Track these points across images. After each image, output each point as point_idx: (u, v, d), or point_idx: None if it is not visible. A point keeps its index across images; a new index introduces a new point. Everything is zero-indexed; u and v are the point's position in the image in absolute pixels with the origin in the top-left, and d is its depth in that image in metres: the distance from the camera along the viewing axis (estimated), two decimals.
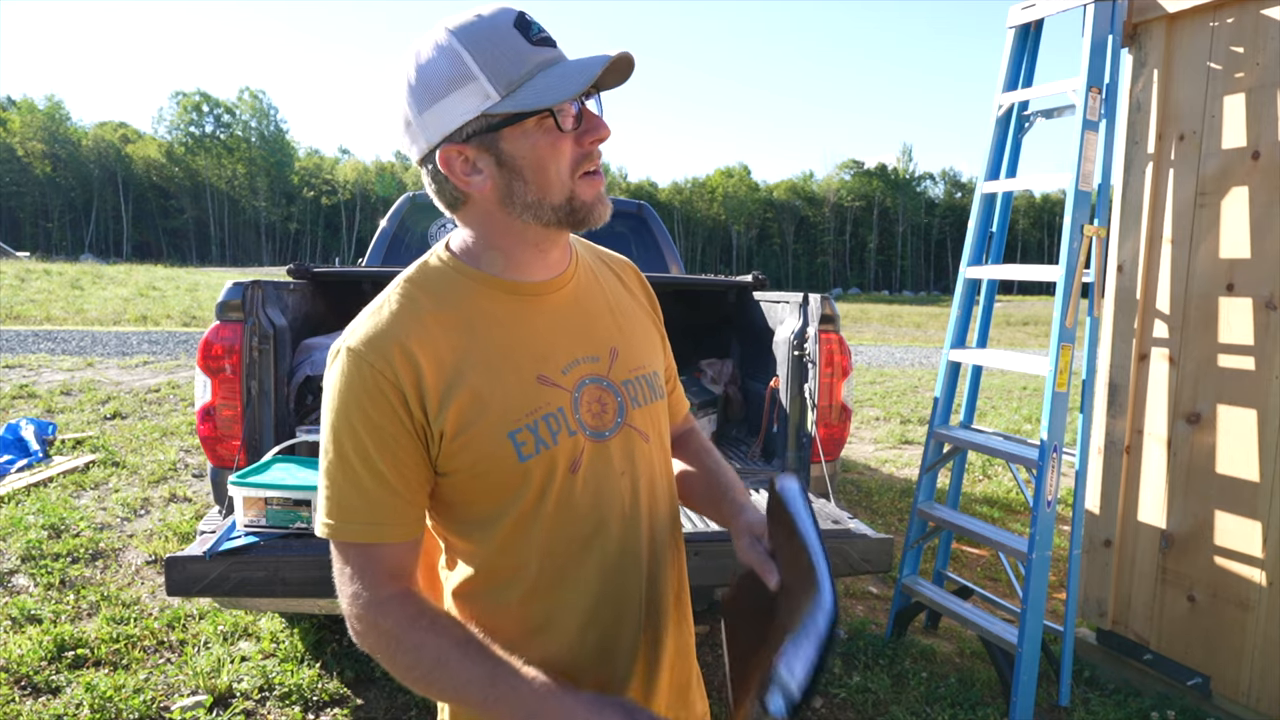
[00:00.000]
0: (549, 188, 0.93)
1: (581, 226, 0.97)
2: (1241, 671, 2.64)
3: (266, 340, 2.61)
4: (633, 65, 0.93)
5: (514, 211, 0.95)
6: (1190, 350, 2.80)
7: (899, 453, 6.88)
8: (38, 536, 3.90)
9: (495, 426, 0.93)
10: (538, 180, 0.93)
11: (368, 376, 0.91)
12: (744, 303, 3.68)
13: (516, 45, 0.89)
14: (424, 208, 5.17)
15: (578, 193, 0.94)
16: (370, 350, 0.92)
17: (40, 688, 2.70)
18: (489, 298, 0.98)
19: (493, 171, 0.93)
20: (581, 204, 0.95)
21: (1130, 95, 2.98)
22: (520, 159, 0.92)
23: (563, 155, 0.92)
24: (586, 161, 0.94)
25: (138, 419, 6.73)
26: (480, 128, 0.90)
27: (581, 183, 0.94)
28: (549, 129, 0.91)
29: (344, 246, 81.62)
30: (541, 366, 0.97)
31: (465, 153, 0.92)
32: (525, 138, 0.91)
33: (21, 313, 15.56)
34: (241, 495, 2.21)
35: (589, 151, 0.94)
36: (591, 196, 0.95)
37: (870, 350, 16.80)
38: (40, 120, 79.21)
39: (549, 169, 0.92)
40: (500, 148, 0.92)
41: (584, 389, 1.00)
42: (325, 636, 3.11)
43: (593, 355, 1.02)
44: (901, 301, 59.52)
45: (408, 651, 0.90)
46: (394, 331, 0.93)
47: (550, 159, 0.92)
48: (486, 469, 0.94)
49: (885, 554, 2.40)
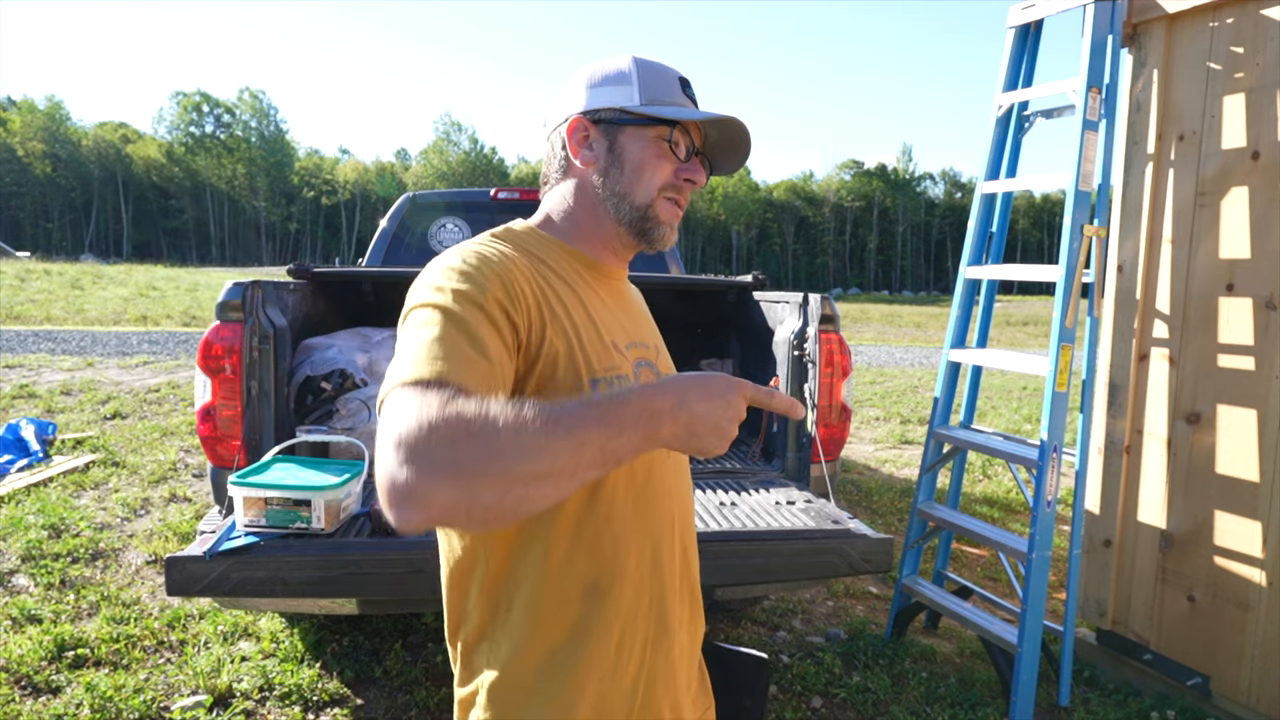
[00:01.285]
0: (637, 188, 1.05)
1: (646, 239, 1.08)
2: (1241, 671, 2.64)
3: (266, 340, 2.61)
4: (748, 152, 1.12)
5: (602, 195, 1.06)
6: (1190, 350, 2.80)
7: (899, 453, 6.88)
8: (38, 536, 3.90)
9: (581, 371, 0.97)
10: (632, 176, 1.05)
11: (484, 263, 0.93)
12: (744, 303, 3.68)
13: (672, 85, 1.08)
14: (424, 208, 5.17)
15: (656, 207, 1.06)
16: (477, 258, 0.95)
17: (40, 688, 2.70)
18: (571, 263, 1.07)
19: (602, 153, 1.06)
20: (655, 217, 1.07)
21: (1130, 95, 2.98)
22: (628, 153, 1.05)
23: (661, 171, 1.06)
24: (675, 190, 1.07)
25: (138, 419, 6.73)
26: (612, 117, 1.06)
27: (664, 202, 1.07)
28: (661, 146, 1.06)
29: (344, 246, 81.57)
30: (613, 335, 1.05)
31: (589, 130, 1.06)
32: (641, 140, 1.05)
33: (21, 313, 15.56)
34: (241, 495, 2.21)
35: (680, 185, 1.07)
36: (666, 217, 1.08)
37: (870, 350, 16.81)
38: (40, 120, 79.15)
39: (644, 173, 1.05)
40: (618, 138, 1.05)
41: (640, 369, 1.08)
42: (325, 636, 3.11)
43: (644, 343, 1.13)
44: (901, 301, 59.51)
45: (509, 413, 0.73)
46: (497, 254, 0.97)
47: (650, 167, 1.05)
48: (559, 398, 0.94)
49: (885, 554, 2.40)
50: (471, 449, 0.71)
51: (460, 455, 0.71)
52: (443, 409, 0.73)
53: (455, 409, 0.73)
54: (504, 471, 0.71)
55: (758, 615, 3.53)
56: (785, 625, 3.45)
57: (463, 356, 0.84)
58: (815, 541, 2.39)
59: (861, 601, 3.76)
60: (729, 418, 0.81)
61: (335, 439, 2.69)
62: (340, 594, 2.23)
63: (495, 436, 0.72)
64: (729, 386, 0.82)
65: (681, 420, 0.79)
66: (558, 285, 1.01)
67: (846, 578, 3.73)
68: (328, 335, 3.23)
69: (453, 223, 5.10)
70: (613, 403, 0.77)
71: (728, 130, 1.09)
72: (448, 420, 0.72)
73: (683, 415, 0.79)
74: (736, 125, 1.08)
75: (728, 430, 0.81)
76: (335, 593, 2.21)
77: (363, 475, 2.43)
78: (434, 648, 3.11)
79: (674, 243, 1.12)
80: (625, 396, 0.79)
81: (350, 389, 3.04)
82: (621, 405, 0.77)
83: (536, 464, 0.72)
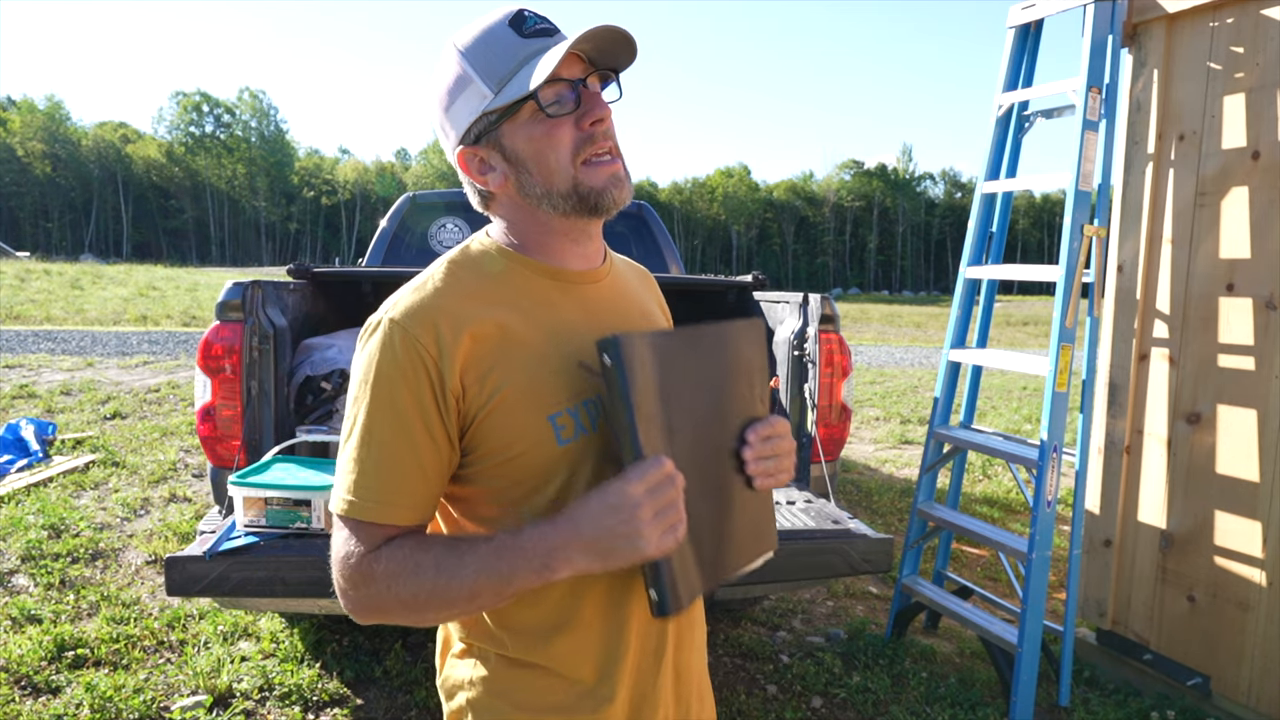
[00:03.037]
0: (552, 176, 0.94)
1: (597, 213, 0.97)
2: (1241, 671, 2.64)
3: (266, 340, 2.61)
4: (629, 38, 0.93)
5: (531, 201, 0.97)
6: (1190, 350, 2.80)
7: (899, 453, 6.88)
8: (38, 536, 3.90)
9: (536, 408, 0.92)
10: (540, 170, 0.94)
11: (408, 347, 0.89)
12: (744, 303, 3.68)
13: (508, 42, 0.92)
14: (424, 208, 5.16)
15: (582, 179, 0.94)
16: (412, 321, 0.90)
17: (40, 688, 2.70)
18: (532, 281, 0.99)
19: (504, 167, 0.96)
20: (590, 190, 0.94)
21: (1130, 95, 2.98)
22: (521, 151, 0.94)
23: (560, 142, 0.93)
24: (588, 145, 0.94)
25: (138, 419, 6.73)
26: (484, 127, 0.94)
27: (585, 169, 0.94)
28: (540, 118, 0.92)
29: (344, 246, 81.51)
30: (583, 353, 0.96)
31: (478, 153, 0.96)
32: (522, 129, 0.93)
33: (21, 313, 15.56)
34: (241, 495, 2.21)
35: (590, 134, 0.93)
36: (600, 181, 0.94)
37: (870, 350, 16.80)
38: (40, 120, 79.16)
39: (548, 158, 0.93)
40: (503, 143, 0.95)
41: None
42: (325, 636, 3.11)
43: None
44: (901, 301, 59.51)
45: (408, 576, 0.88)
46: (438, 303, 0.92)
47: (548, 147, 0.93)
48: (523, 450, 0.93)
49: (885, 554, 2.40)
50: (381, 597, 0.90)
51: (373, 599, 0.90)
52: (360, 562, 0.90)
53: (369, 564, 0.89)
54: (411, 610, 0.90)
55: (758, 615, 3.53)
56: (785, 625, 3.45)
57: (391, 468, 0.90)
58: (815, 541, 2.39)
59: (861, 601, 3.75)
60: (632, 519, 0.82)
61: (335, 439, 2.68)
62: None
63: (399, 593, 0.88)
64: (620, 493, 0.83)
65: (580, 548, 0.84)
66: (512, 319, 0.94)
67: (846, 578, 3.73)
68: (328, 335, 3.22)
69: (453, 223, 5.10)
70: (508, 550, 0.86)
71: (596, 37, 0.91)
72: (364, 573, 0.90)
73: (579, 544, 0.84)
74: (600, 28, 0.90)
75: (642, 531, 0.83)
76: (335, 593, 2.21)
77: None
78: (433, 648, 3.11)
79: (629, 196, 0.98)
80: (521, 542, 0.85)
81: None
82: (516, 553, 0.85)
83: (436, 613, 0.91)
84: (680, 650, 1.08)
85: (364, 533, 0.91)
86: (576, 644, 0.98)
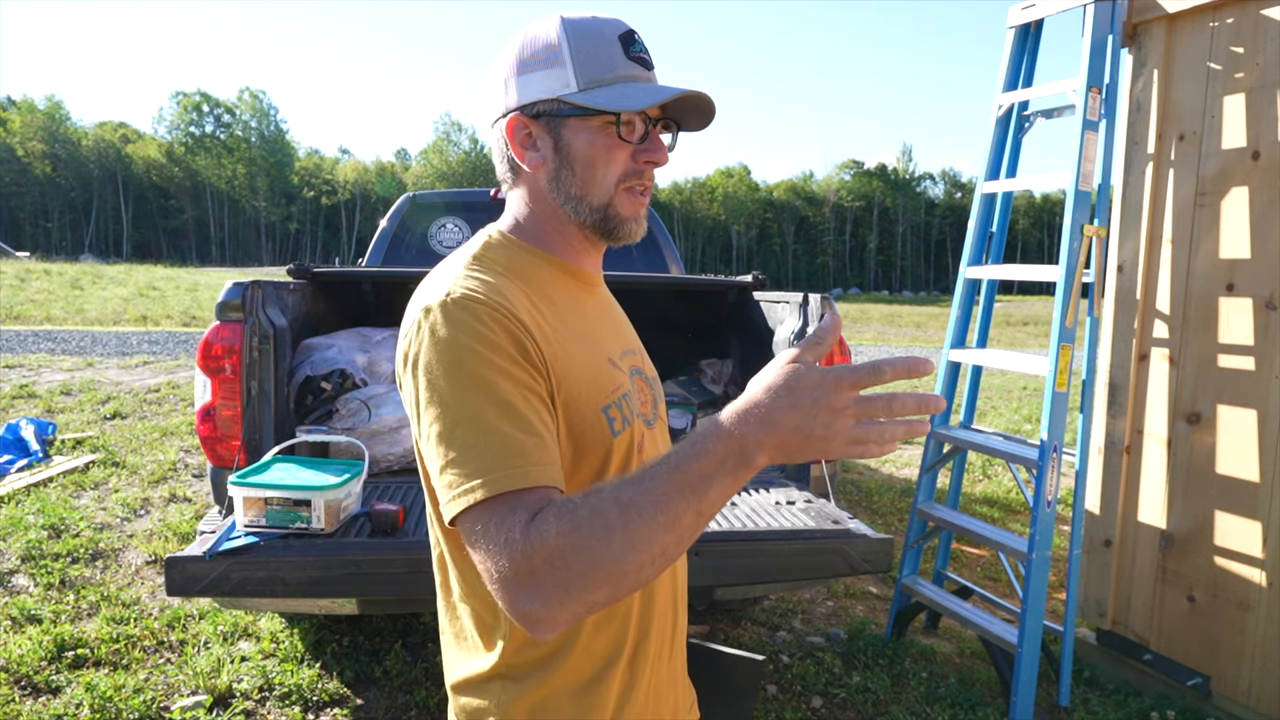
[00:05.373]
0: (592, 186, 0.96)
1: (612, 237, 0.99)
2: (1241, 671, 2.64)
3: (266, 340, 2.61)
4: (713, 112, 0.98)
5: (558, 199, 0.97)
6: (1190, 350, 2.80)
7: (899, 453, 6.88)
8: (38, 536, 3.90)
9: (592, 399, 0.93)
10: (584, 176, 0.96)
11: (493, 318, 0.85)
12: (744, 303, 3.68)
13: (612, 53, 0.94)
14: (424, 208, 5.16)
15: (616, 202, 0.97)
16: (482, 291, 0.87)
17: (40, 688, 2.70)
18: (555, 277, 1.00)
19: (549, 153, 0.96)
20: (617, 214, 0.97)
21: (1130, 95, 2.98)
22: (575, 150, 0.95)
23: (615, 162, 0.96)
24: (635, 178, 0.97)
25: (138, 419, 6.73)
26: (551, 109, 0.95)
27: (623, 195, 0.97)
28: (610, 134, 0.95)
29: (344, 246, 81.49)
30: (608, 349, 1.00)
31: (530, 127, 0.96)
32: (586, 133, 0.95)
33: (21, 313, 15.56)
34: (241, 495, 2.21)
35: (641, 170, 0.97)
36: (629, 212, 0.98)
37: (870, 350, 16.80)
38: (40, 120, 79.13)
39: (597, 169, 0.95)
40: (562, 134, 0.95)
41: (635, 378, 1.04)
42: (325, 636, 3.11)
43: (632, 349, 1.08)
44: (901, 301, 59.51)
45: (591, 523, 0.73)
46: (496, 284, 0.90)
47: (602, 161, 0.95)
48: (588, 442, 0.92)
49: (885, 554, 2.40)
50: (571, 568, 0.72)
51: (563, 577, 0.72)
52: (526, 536, 0.74)
53: (538, 533, 0.74)
54: (610, 575, 0.73)
55: (758, 615, 3.53)
56: (785, 625, 3.45)
57: (519, 450, 0.79)
58: (815, 541, 2.39)
59: (861, 601, 3.76)
60: (827, 422, 0.71)
61: (335, 439, 2.69)
62: (340, 594, 2.23)
63: (589, 548, 0.72)
64: (820, 387, 0.72)
65: (770, 444, 0.72)
66: (547, 311, 0.93)
67: (846, 578, 3.73)
68: (328, 335, 3.23)
69: (453, 223, 5.10)
70: (692, 459, 0.73)
71: (691, 97, 0.96)
72: (536, 548, 0.73)
73: (770, 439, 0.72)
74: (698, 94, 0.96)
75: (835, 432, 0.71)
76: (335, 593, 2.21)
77: (363, 475, 2.43)
78: (434, 648, 3.11)
79: (643, 234, 1.00)
80: (702, 446, 0.73)
81: (350, 389, 3.04)
82: (702, 459, 0.73)
83: (637, 556, 0.72)
84: (680, 635, 1.11)
85: (518, 505, 0.77)
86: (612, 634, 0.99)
